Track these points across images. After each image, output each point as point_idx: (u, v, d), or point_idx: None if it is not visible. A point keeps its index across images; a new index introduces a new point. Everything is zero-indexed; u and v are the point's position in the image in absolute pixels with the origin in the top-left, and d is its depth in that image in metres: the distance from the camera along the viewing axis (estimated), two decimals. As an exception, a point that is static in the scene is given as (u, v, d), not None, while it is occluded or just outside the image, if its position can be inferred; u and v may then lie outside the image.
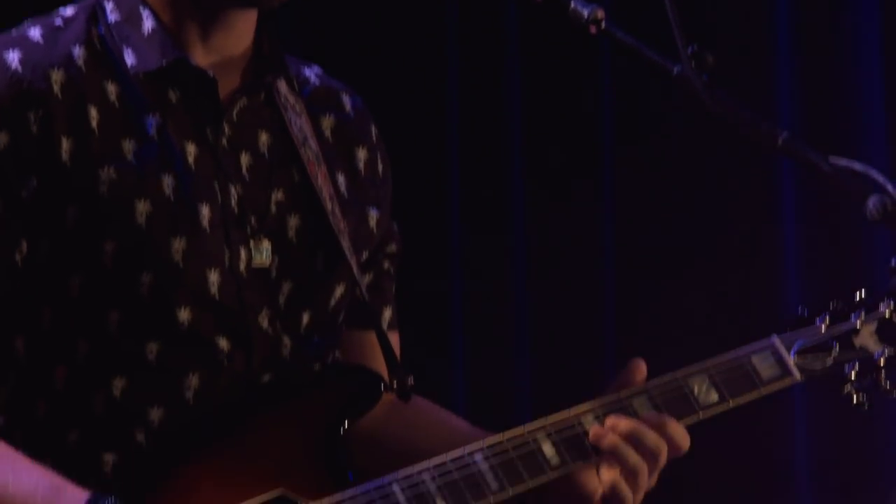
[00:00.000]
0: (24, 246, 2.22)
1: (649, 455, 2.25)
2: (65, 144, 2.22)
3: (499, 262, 5.04)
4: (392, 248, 2.50)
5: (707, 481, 4.70)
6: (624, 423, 2.25)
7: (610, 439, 2.24)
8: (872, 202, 2.08)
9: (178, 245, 2.24)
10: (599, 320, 5.04)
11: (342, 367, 2.41)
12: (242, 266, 2.29)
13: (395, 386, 2.33)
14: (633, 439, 2.24)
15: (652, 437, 2.24)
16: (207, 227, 2.27)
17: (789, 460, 5.02)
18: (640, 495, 2.27)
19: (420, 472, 2.23)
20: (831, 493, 4.97)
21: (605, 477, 2.26)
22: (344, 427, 2.27)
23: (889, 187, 2.10)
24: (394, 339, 2.47)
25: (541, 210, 5.09)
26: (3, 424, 2.23)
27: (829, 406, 4.86)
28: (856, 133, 4.97)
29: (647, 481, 2.26)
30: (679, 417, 2.29)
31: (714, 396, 2.30)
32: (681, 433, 2.27)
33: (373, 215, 2.45)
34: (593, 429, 2.25)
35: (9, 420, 2.23)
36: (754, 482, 4.91)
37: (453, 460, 2.24)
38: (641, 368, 2.32)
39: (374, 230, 2.45)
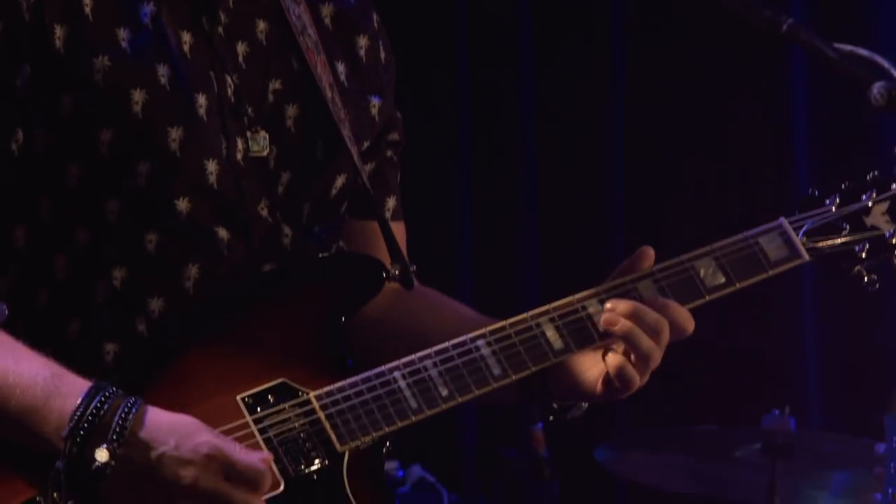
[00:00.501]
0: (20, 135, 2.21)
1: (654, 334, 2.22)
2: (58, 32, 2.21)
3: (507, 158, 5.06)
4: (395, 136, 2.47)
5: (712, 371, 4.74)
6: (624, 305, 2.23)
7: (617, 322, 2.22)
8: (877, 88, 2.06)
9: (175, 135, 2.23)
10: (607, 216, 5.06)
11: (344, 256, 2.39)
12: (240, 156, 2.28)
13: (397, 274, 2.32)
14: (636, 320, 2.22)
15: (653, 318, 2.22)
16: (204, 117, 2.25)
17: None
18: (646, 377, 2.25)
19: (422, 359, 2.22)
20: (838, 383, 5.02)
21: (610, 360, 2.25)
22: (346, 315, 2.26)
23: (895, 73, 2.07)
24: (398, 228, 2.45)
25: (550, 98, 5.11)
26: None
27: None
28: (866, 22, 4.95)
29: (651, 363, 2.24)
30: (685, 300, 2.26)
31: (721, 279, 2.28)
32: (684, 315, 2.25)
33: (374, 103, 2.42)
34: (604, 315, 2.23)
35: (10, 310, 2.23)
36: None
37: (455, 346, 2.23)
38: (650, 255, 2.30)
39: (376, 118, 2.43)
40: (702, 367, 4.74)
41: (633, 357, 2.23)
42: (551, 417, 2.33)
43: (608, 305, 2.24)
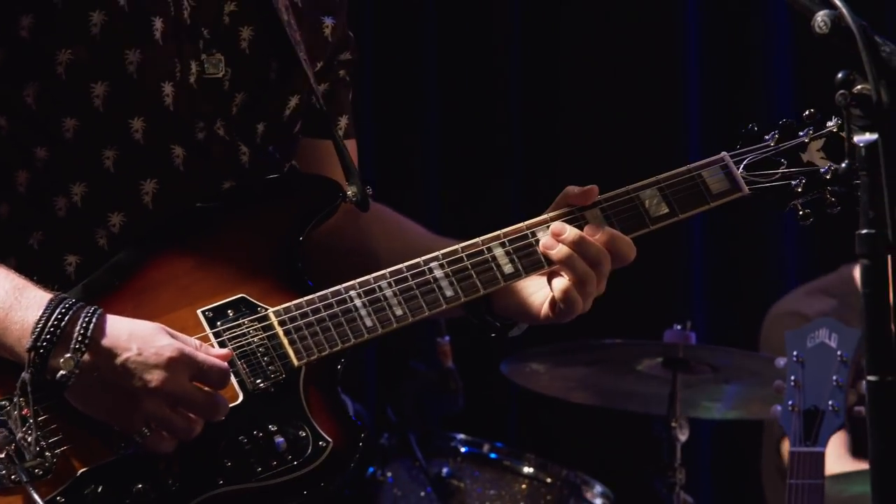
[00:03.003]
0: None
1: (595, 264, 2.29)
2: None
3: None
4: (347, 55, 2.51)
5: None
6: (569, 233, 2.29)
7: (559, 248, 2.29)
8: (820, 16, 2.09)
9: (133, 57, 2.26)
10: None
11: (302, 176, 2.44)
12: (193, 78, 2.31)
13: (353, 194, 2.37)
14: (578, 248, 2.29)
15: (595, 248, 2.29)
16: (160, 40, 2.28)
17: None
18: (590, 302, 2.32)
19: (377, 280, 2.28)
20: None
21: (556, 284, 2.31)
22: (303, 234, 2.31)
23: (837, 1, 2.11)
24: (351, 146, 2.50)
25: (453, 55, 5.15)
26: None
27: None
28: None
29: (594, 289, 2.31)
30: (630, 230, 2.34)
31: (664, 209, 2.35)
32: (627, 245, 2.32)
33: (328, 24, 2.46)
34: (544, 239, 2.30)
35: None
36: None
37: (410, 268, 2.29)
38: (595, 192, 2.35)
39: (329, 38, 2.46)
40: (607, 281, 4.83)
41: (576, 282, 2.30)
42: (493, 335, 2.41)
43: (553, 229, 2.30)
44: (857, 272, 4.35)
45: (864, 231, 2.05)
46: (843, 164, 2.30)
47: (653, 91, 5.27)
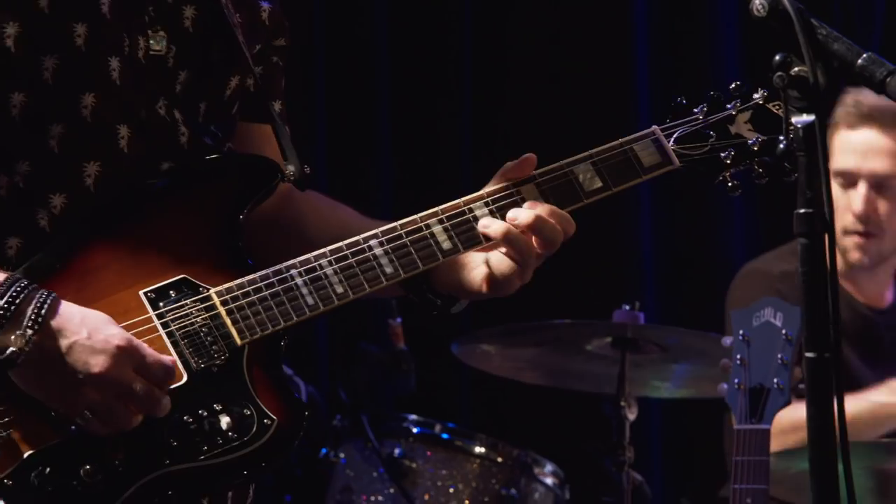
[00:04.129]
0: None
1: (536, 239, 2.32)
2: None
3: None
4: (282, 41, 2.52)
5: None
6: (512, 210, 2.31)
7: (498, 225, 2.31)
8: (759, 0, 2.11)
9: (81, 30, 2.26)
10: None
11: (241, 156, 2.45)
12: (140, 54, 2.32)
13: (293, 174, 2.38)
14: (517, 224, 2.31)
15: (537, 222, 2.31)
16: (108, 14, 2.29)
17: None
18: (528, 275, 2.35)
19: (317, 258, 2.30)
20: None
21: (493, 259, 2.34)
22: (243, 213, 2.32)
23: None
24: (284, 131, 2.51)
25: (403, 29, 5.16)
26: None
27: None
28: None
29: (533, 262, 2.34)
30: (565, 204, 2.36)
31: (598, 183, 2.37)
32: (565, 219, 2.35)
33: (265, 8, 2.47)
34: (483, 219, 2.32)
35: None
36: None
37: (349, 246, 2.31)
38: (532, 161, 2.38)
39: (266, 23, 2.47)
40: (556, 262, 4.85)
41: (514, 257, 2.33)
42: (434, 312, 2.43)
43: (497, 210, 2.32)
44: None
45: (802, 210, 2.09)
46: (781, 145, 2.33)
47: (601, 63, 5.29)
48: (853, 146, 4.25)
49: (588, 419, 4.24)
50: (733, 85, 2.45)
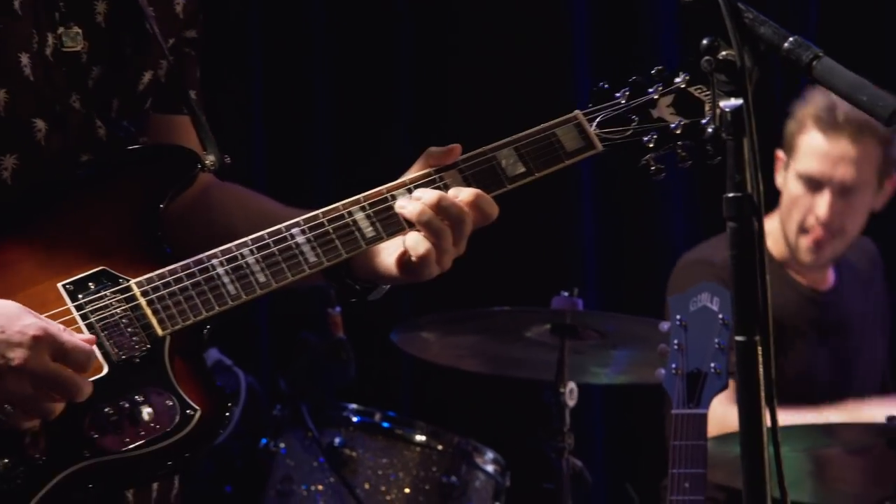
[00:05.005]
0: None
1: (455, 223, 2.30)
2: None
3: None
4: (193, 32, 2.50)
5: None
6: (430, 194, 2.30)
7: (415, 208, 2.29)
8: None
9: None
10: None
11: (160, 146, 2.43)
12: (49, 50, 2.30)
13: (212, 163, 2.36)
14: (439, 209, 2.29)
15: (456, 207, 2.29)
16: (19, 10, 2.27)
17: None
18: (448, 259, 2.32)
19: (239, 247, 2.28)
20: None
21: (410, 242, 2.31)
22: (163, 203, 2.30)
23: None
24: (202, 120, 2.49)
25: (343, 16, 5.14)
26: None
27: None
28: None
29: (452, 248, 2.31)
30: (488, 189, 2.34)
31: (521, 168, 2.36)
32: (488, 202, 2.32)
33: (179, 0, 2.46)
34: (399, 200, 2.31)
35: None
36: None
37: (271, 234, 2.29)
38: (457, 150, 2.37)
39: (180, 15, 2.46)
40: (494, 249, 4.85)
41: (430, 239, 2.30)
42: (353, 299, 2.41)
43: (415, 194, 2.30)
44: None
45: (731, 194, 2.08)
46: (709, 128, 2.32)
47: (541, 47, 5.29)
48: (824, 153, 4.28)
49: (528, 406, 4.23)
50: (655, 69, 2.44)
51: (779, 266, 4.41)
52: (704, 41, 2.08)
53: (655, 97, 2.40)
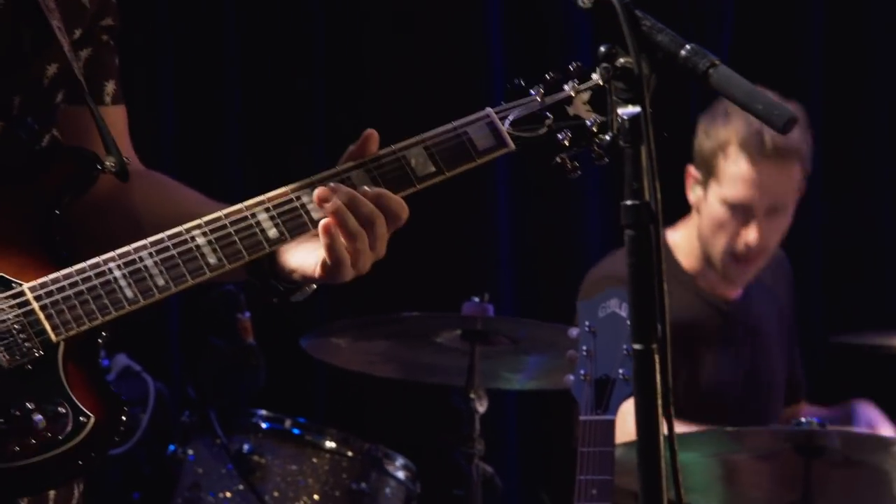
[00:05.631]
0: None
1: (366, 224, 2.26)
2: None
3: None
4: (109, 21, 2.46)
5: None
6: (338, 194, 2.26)
7: (326, 207, 2.25)
8: None
9: None
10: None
11: (58, 149, 2.39)
12: None
13: (112, 166, 2.33)
14: (349, 208, 2.25)
15: (366, 207, 2.26)
16: None
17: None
18: (364, 261, 2.29)
19: (137, 250, 2.25)
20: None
21: (324, 242, 2.26)
22: (60, 208, 2.27)
23: None
24: (119, 112, 2.45)
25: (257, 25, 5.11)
26: None
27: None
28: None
29: (366, 248, 2.27)
30: (397, 189, 2.30)
31: (431, 168, 2.31)
32: (397, 203, 2.29)
33: None
34: (304, 198, 2.26)
35: None
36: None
37: (171, 237, 2.26)
38: (374, 137, 2.33)
39: (87, 5, 2.41)
40: (408, 254, 4.84)
41: (345, 241, 2.27)
42: (275, 300, 2.37)
43: (323, 194, 2.25)
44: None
45: (629, 202, 2.08)
46: (607, 137, 2.31)
47: (456, 43, 5.29)
48: (752, 181, 4.29)
49: (439, 412, 4.22)
50: (571, 66, 2.41)
51: (690, 278, 4.43)
52: (602, 48, 2.08)
53: (571, 94, 2.36)
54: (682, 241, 4.44)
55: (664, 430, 2.09)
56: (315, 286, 2.35)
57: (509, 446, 5.33)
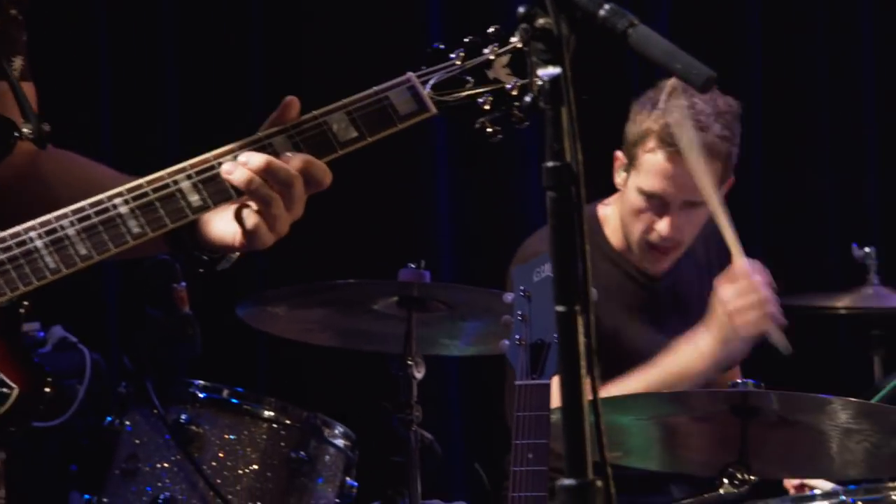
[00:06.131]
0: None
1: (284, 188, 2.26)
2: None
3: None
4: None
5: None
6: (256, 159, 2.26)
7: (242, 174, 2.26)
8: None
9: None
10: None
11: None
12: None
13: (30, 133, 2.31)
14: (266, 174, 2.26)
15: (284, 171, 2.26)
16: None
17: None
18: (281, 225, 2.29)
19: (59, 219, 2.24)
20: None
21: (241, 209, 2.28)
22: (-25, 178, 2.25)
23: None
24: (29, 89, 2.43)
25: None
26: None
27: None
28: None
29: (283, 212, 2.28)
30: (320, 155, 2.31)
31: (353, 133, 2.32)
32: (320, 168, 2.30)
33: None
34: (225, 165, 2.27)
35: None
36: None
37: (93, 205, 2.25)
38: (294, 105, 2.33)
39: None
40: (340, 222, 4.84)
41: (259, 206, 2.27)
42: (201, 270, 2.37)
43: (240, 159, 2.27)
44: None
45: (550, 164, 2.08)
46: (527, 99, 2.31)
47: (394, 5, 5.28)
48: (668, 174, 4.24)
49: (377, 379, 4.23)
50: (491, 29, 2.41)
51: (617, 254, 4.44)
52: (520, 9, 2.08)
53: (491, 58, 2.37)
54: (610, 216, 4.44)
55: (588, 392, 2.09)
56: (238, 254, 2.34)
57: (450, 413, 5.34)
